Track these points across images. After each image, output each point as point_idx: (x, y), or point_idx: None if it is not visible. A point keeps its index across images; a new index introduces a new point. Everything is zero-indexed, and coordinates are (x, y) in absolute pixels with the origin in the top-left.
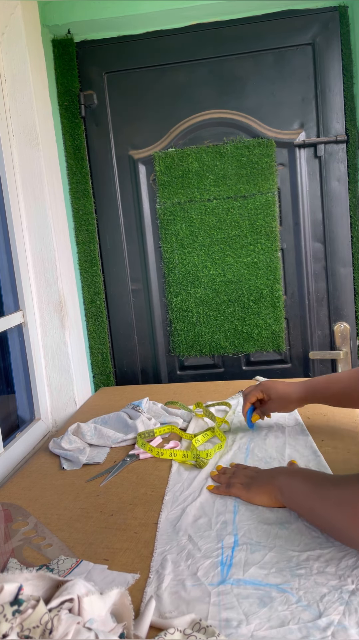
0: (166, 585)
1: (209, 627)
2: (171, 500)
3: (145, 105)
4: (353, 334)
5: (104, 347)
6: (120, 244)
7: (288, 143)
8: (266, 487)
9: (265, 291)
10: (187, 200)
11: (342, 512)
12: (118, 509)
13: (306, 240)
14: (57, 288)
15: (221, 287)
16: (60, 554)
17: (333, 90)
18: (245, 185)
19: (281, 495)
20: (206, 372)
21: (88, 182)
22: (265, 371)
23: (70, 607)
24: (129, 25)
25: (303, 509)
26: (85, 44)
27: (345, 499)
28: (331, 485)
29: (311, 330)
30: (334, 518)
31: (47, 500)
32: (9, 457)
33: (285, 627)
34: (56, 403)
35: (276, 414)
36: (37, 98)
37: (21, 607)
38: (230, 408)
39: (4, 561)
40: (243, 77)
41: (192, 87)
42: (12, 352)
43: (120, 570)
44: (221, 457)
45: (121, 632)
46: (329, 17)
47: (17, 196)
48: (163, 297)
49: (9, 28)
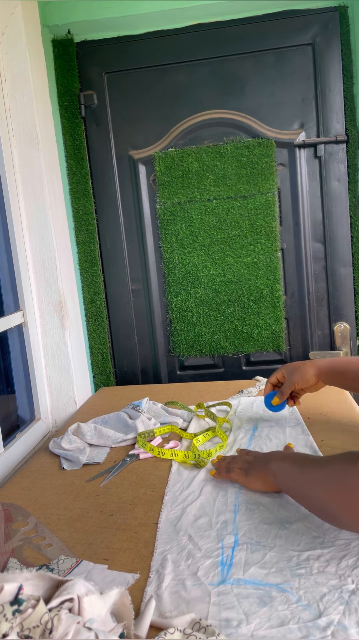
0: (166, 585)
1: (209, 626)
2: (171, 500)
3: (145, 105)
4: (353, 334)
5: (104, 347)
6: (120, 244)
7: (288, 143)
8: (262, 472)
9: (265, 291)
10: (187, 200)
11: (326, 491)
12: (118, 509)
13: (306, 240)
14: (57, 288)
15: (221, 287)
16: (60, 553)
17: (333, 90)
18: (245, 186)
19: (274, 479)
20: (206, 372)
21: (88, 182)
22: (265, 371)
23: (70, 607)
24: (129, 25)
25: (293, 491)
26: (85, 44)
27: (328, 476)
28: (317, 465)
29: (311, 331)
30: (319, 497)
31: (47, 500)
32: (9, 457)
33: (285, 627)
34: (56, 403)
35: (277, 416)
36: (37, 98)
37: (21, 607)
38: (231, 408)
39: (4, 561)
40: (243, 77)
41: (192, 87)
42: (12, 352)
43: (120, 570)
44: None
45: (121, 632)
46: (330, 17)
47: (17, 196)
48: (163, 297)
49: (9, 28)
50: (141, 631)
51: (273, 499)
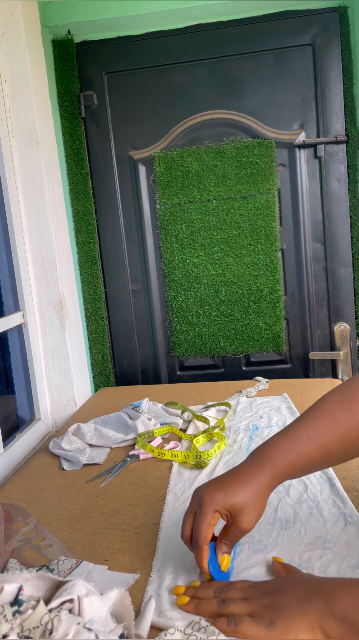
0: (167, 585)
1: (209, 626)
2: (173, 500)
3: (145, 105)
4: (353, 334)
5: (104, 348)
6: (120, 244)
7: (288, 143)
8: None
9: (265, 291)
10: (187, 200)
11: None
12: (118, 509)
13: (306, 240)
14: (57, 288)
15: (221, 287)
16: (60, 554)
17: (333, 90)
18: (245, 186)
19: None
20: (206, 373)
21: (89, 183)
22: (265, 371)
23: (70, 608)
24: (129, 26)
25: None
26: (86, 45)
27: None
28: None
29: (311, 331)
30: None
31: (47, 501)
32: (9, 458)
33: None
34: (56, 403)
35: (277, 416)
36: (37, 98)
37: (21, 608)
38: (230, 408)
39: (4, 561)
40: (243, 78)
41: (192, 88)
42: (12, 353)
43: (120, 570)
44: (222, 457)
45: (121, 632)
46: (329, 18)
47: (17, 196)
48: (163, 297)
49: (9, 28)
50: (142, 630)
51: (275, 499)
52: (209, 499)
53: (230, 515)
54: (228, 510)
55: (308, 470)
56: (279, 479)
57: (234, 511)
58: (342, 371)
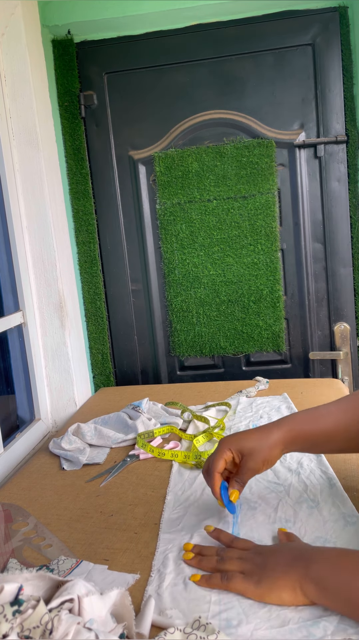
0: (167, 584)
1: (209, 624)
2: (173, 500)
3: (145, 105)
4: (353, 334)
5: (104, 348)
6: (120, 244)
7: (288, 143)
8: (288, 580)
9: (265, 291)
10: (187, 200)
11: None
12: (119, 509)
13: (306, 240)
14: (57, 288)
15: (221, 287)
16: (60, 554)
17: (333, 90)
18: (245, 186)
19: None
20: (206, 373)
21: (88, 183)
22: (265, 371)
23: (70, 608)
24: (129, 26)
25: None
26: (85, 45)
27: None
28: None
29: (311, 331)
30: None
31: (47, 501)
32: (9, 458)
33: (285, 627)
34: (56, 403)
35: (277, 415)
36: (37, 98)
37: (21, 608)
38: (230, 408)
39: (4, 561)
40: (243, 78)
41: (192, 88)
42: (12, 353)
43: (120, 570)
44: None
45: (121, 632)
46: (329, 18)
47: (17, 196)
48: (163, 297)
49: (9, 28)
50: (143, 629)
51: (275, 499)
52: (226, 440)
53: (241, 455)
54: (239, 450)
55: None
56: (293, 440)
57: (244, 452)
58: (342, 371)
